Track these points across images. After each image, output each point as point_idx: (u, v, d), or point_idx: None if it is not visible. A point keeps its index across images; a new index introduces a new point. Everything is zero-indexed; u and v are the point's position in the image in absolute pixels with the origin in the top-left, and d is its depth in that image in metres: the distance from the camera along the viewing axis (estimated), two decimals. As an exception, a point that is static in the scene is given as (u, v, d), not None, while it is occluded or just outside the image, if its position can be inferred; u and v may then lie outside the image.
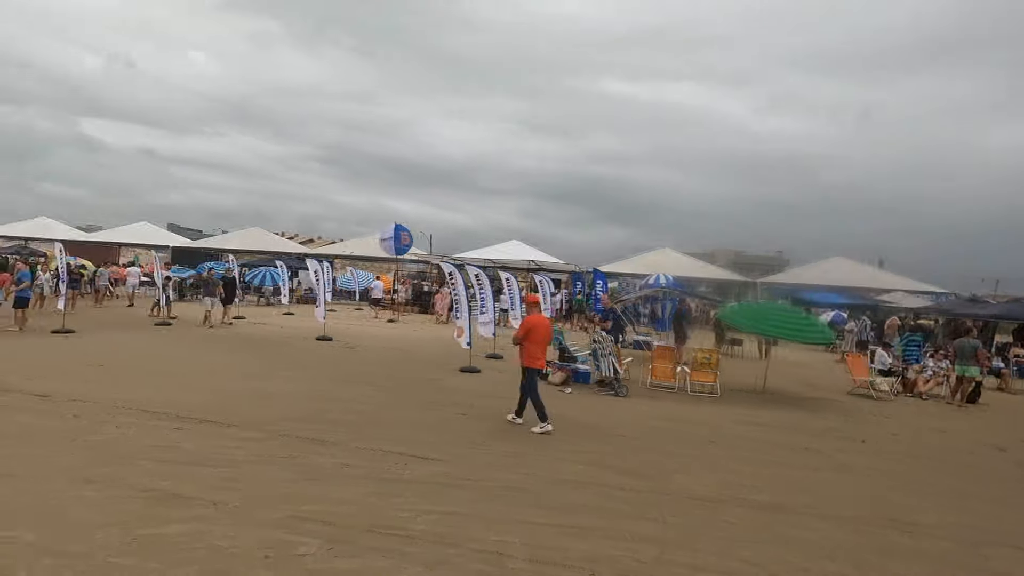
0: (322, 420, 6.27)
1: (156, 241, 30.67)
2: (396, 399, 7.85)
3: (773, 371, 10.80)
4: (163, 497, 3.88)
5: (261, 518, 3.64)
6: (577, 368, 10.05)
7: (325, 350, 12.52)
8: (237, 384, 8.08)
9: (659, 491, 4.80)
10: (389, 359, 11.85)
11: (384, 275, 28.73)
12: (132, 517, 3.53)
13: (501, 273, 15.59)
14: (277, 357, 10.98)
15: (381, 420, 6.57)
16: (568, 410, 7.85)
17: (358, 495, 4.15)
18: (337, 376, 9.32)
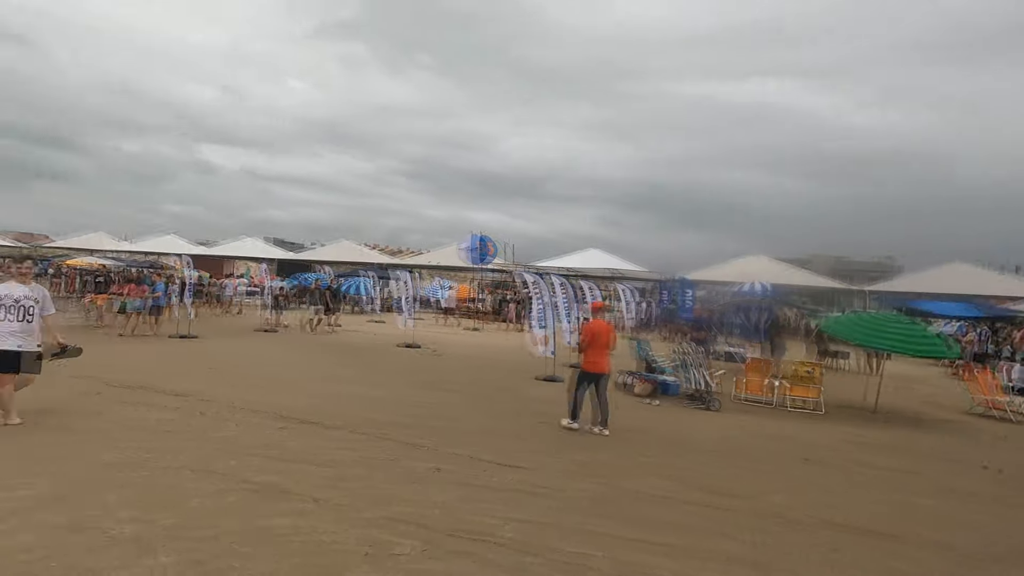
0: (413, 425, 6.52)
1: (262, 254, 33.47)
2: (481, 406, 8.01)
3: (886, 387, 9.89)
4: (273, 492, 4.20)
5: (360, 516, 3.84)
6: (664, 380, 9.76)
7: (412, 357, 13.03)
8: (335, 388, 8.62)
9: (751, 511, 4.54)
10: (473, 367, 12.12)
11: (464, 284, 29.46)
12: (247, 508, 3.86)
13: (582, 282, 15.48)
14: (369, 363, 11.58)
15: (467, 427, 6.73)
16: (654, 423, 7.64)
17: (448, 499, 4.28)
18: (425, 382, 9.67)
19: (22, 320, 5.35)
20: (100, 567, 2.98)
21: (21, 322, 5.34)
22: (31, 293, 5.47)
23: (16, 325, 5.31)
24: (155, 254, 35.24)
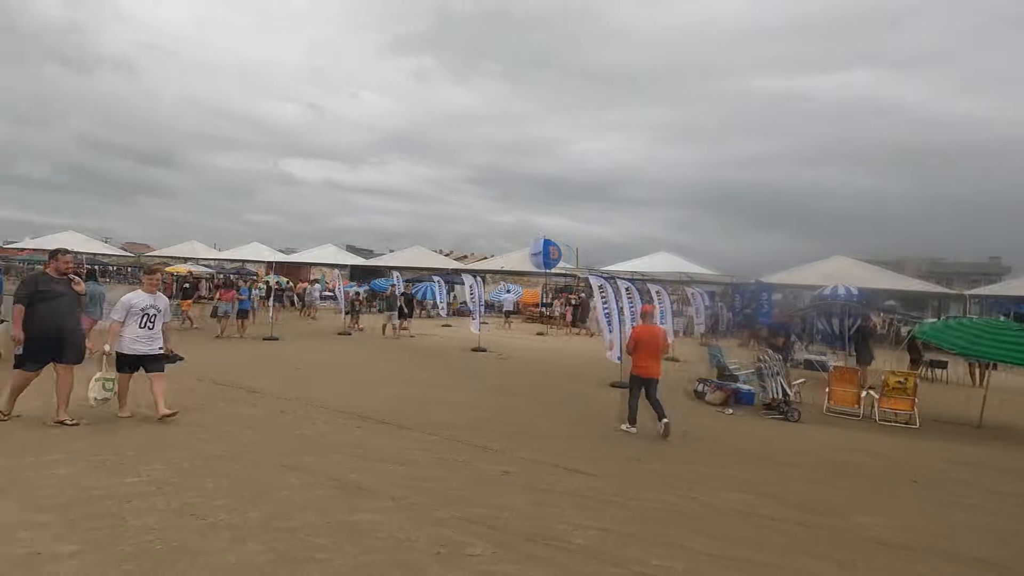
0: (482, 428, 6.62)
1: (337, 260, 35.15)
2: (549, 411, 8.00)
3: (991, 400, 8.99)
4: (351, 488, 4.39)
5: (433, 516, 3.94)
6: (739, 388, 9.35)
7: (481, 361, 13.22)
8: (408, 390, 8.90)
9: (840, 531, 4.25)
10: (540, 371, 12.14)
11: (533, 289, 29.56)
12: (330, 503, 4.06)
13: (650, 286, 15.14)
14: (440, 366, 11.86)
15: (536, 431, 6.75)
16: (729, 433, 7.34)
17: (518, 503, 4.30)
18: (493, 386, 9.79)
19: (149, 327, 5.91)
20: (201, 550, 3.23)
21: (146, 328, 5.88)
22: (156, 302, 6.02)
23: (143, 331, 5.86)
24: (241, 261, 37.86)
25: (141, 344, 5.84)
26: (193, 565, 3.06)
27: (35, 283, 5.60)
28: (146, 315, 5.89)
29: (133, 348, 5.81)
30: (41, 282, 5.61)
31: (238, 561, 3.15)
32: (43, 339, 5.40)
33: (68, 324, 5.57)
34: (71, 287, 5.66)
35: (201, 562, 3.10)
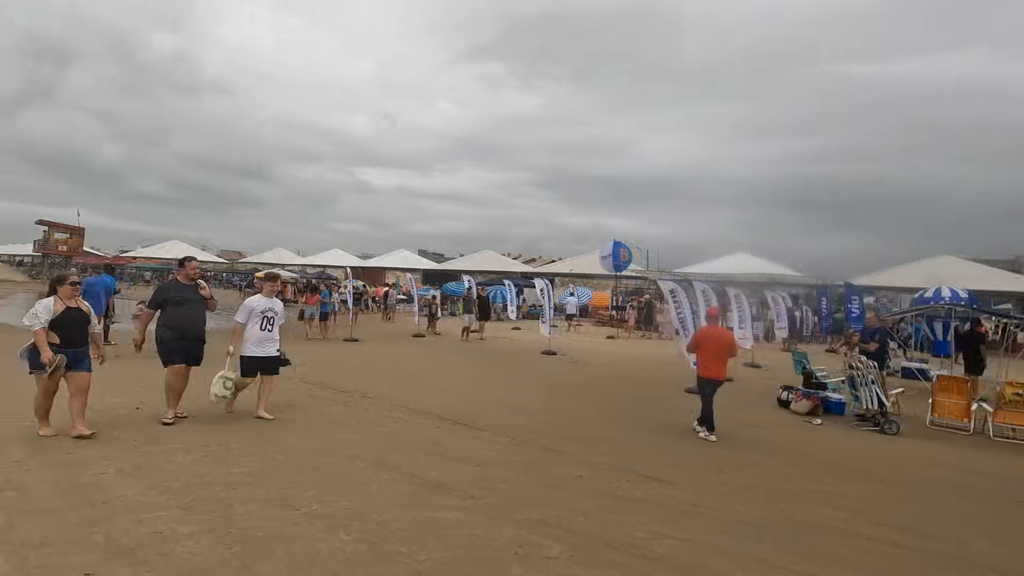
0: (556, 431, 6.64)
1: (410, 265, 36.38)
2: (622, 415, 7.89)
3: None
4: (432, 486, 4.54)
5: (511, 516, 4.00)
6: (828, 396, 8.80)
7: (552, 364, 13.23)
8: (482, 391, 9.07)
9: (946, 557, 3.91)
10: (612, 375, 11.98)
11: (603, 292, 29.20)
12: (409, 500, 4.22)
13: (729, 289, 14.55)
14: (512, 368, 11.99)
15: (609, 436, 6.68)
16: (817, 445, 6.93)
17: (593, 507, 4.28)
18: (565, 390, 9.78)
19: (269, 329, 6.30)
20: (296, 537, 3.46)
21: (266, 331, 6.27)
22: (273, 306, 6.38)
23: (264, 333, 6.26)
24: (323, 266, 40.03)
25: (262, 347, 6.22)
26: (289, 552, 3.29)
27: (167, 289, 6.08)
28: (265, 317, 6.26)
29: (255, 351, 6.18)
30: (172, 288, 6.07)
31: (331, 550, 3.35)
32: (177, 340, 5.81)
33: (197, 327, 5.98)
34: (198, 292, 6.07)
35: (297, 549, 3.33)
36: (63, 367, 4.96)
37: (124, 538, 3.31)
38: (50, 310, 5.00)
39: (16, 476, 4.13)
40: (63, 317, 5.01)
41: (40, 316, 4.94)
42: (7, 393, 6.48)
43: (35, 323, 4.93)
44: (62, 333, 5.00)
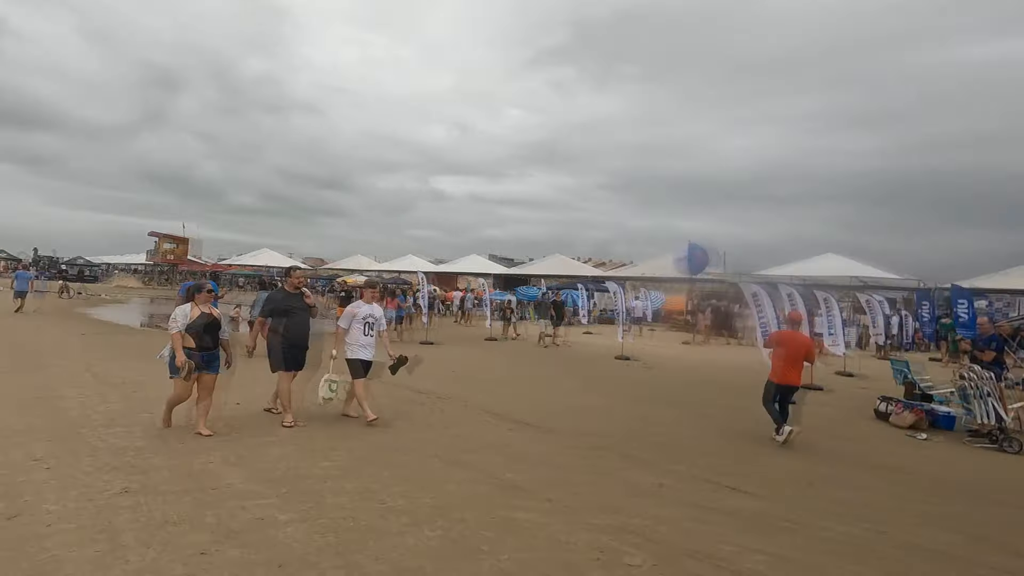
0: (633, 438, 6.51)
1: (484, 270, 36.96)
2: (703, 423, 7.62)
3: None
4: (508, 487, 4.59)
5: (589, 521, 3.96)
6: (934, 409, 8.06)
7: (625, 369, 13.00)
8: (555, 395, 9.06)
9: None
10: (689, 381, 11.60)
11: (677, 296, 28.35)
12: (487, 499, 4.29)
13: (817, 292, 13.69)
14: (584, 373, 11.89)
15: (689, 444, 6.46)
16: (923, 462, 6.37)
17: (675, 517, 4.16)
18: (640, 396, 9.57)
19: (370, 335, 6.42)
20: (384, 531, 3.61)
21: (369, 336, 6.40)
22: (374, 312, 6.52)
23: (366, 339, 6.38)
24: (399, 272, 41.52)
25: (365, 351, 6.33)
26: (379, 543, 3.44)
27: (276, 299, 6.35)
28: (367, 323, 6.38)
29: (358, 354, 6.29)
30: (280, 298, 6.33)
31: (416, 544, 3.47)
32: (287, 347, 6.03)
33: (303, 335, 6.18)
34: (303, 300, 6.27)
35: (386, 542, 3.47)
36: (195, 370, 5.27)
37: (231, 521, 3.59)
38: (187, 315, 5.36)
39: (141, 462, 4.59)
40: (198, 322, 5.36)
41: (178, 320, 5.32)
42: (141, 386, 7.20)
43: (173, 327, 5.33)
44: (196, 337, 5.35)
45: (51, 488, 3.90)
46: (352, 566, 3.15)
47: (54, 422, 5.55)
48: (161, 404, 5.65)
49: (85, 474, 4.21)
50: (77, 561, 2.98)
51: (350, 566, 3.14)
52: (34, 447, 4.72)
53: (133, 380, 7.84)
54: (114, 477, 4.18)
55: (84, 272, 50.21)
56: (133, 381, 7.77)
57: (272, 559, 3.15)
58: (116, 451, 4.77)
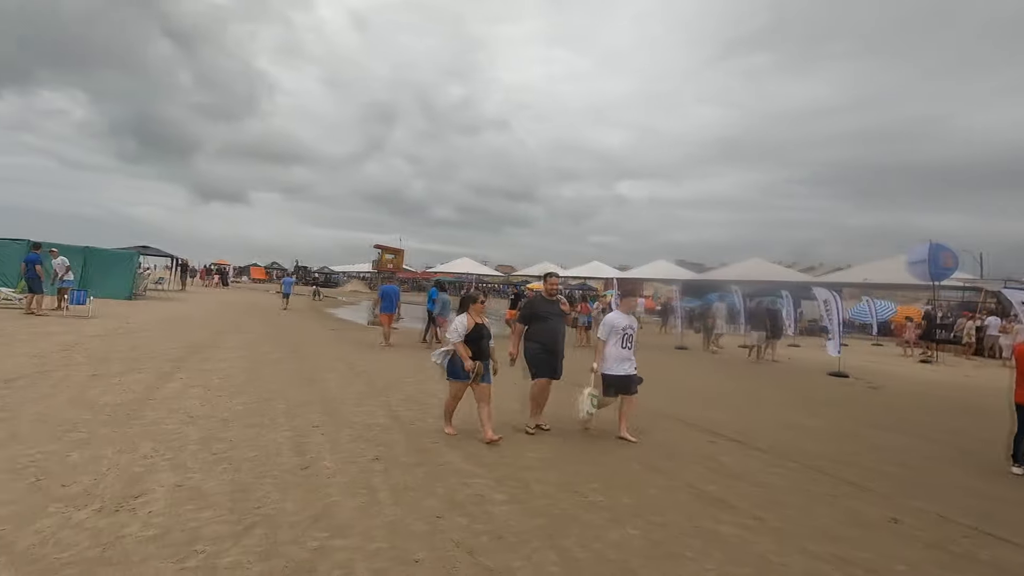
0: (856, 464, 5.78)
1: (669, 275, 35.70)
2: (948, 456, 6.41)
3: None
4: (711, 499, 4.46)
5: (803, 546, 3.68)
6: None
7: (842, 387, 11.49)
8: (756, 410, 8.44)
9: None
10: (928, 407, 9.80)
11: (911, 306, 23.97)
12: (688, 508, 4.22)
13: None
14: (791, 389, 10.83)
15: (929, 478, 5.51)
16: None
17: (918, 559, 3.63)
18: (861, 418, 8.41)
19: (629, 347, 6.06)
20: (586, 523, 3.82)
21: (627, 348, 6.04)
22: (631, 322, 6.20)
23: (625, 351, 6.02)
24: (584, 278, 42.24)
25: (624, 365, 5.98)
26: (583, 533, 3.65)
27: (534, 305, 6.26)
28: (626, 335, 6.04)
29: (617, 369, 5.96)
30: (538, 304, 6.22)
31: (618, 539, 3.61)
32: (545, 354, 5.99)
33: (560, 342, 6.08)
34: (559, 307, 6.18)
35: (589, 533, 3.67)
36: (480, 375, 5.50)
37: (455, 495, 4.14)
38: (465, 326, 5.49)
39: (385, 437, 5.52)
40: (474, 334, 5.50)
41: (459, 331, 5.48)
42: (378, 375, 8.61)
43: (455, 337, 5.47)
44: (473, 347, 5.49)
45: (326, 449, 4.93)
46: (560, 549, 3.41)
47: (322, 398, 6.94)
48: (393, 389, 6.69)
49: (347, 441, 5.22)
50: (350, 507, 3.75)
51: (559, 549, 3.41)
52: (312, 416, 5.98)
53: (371, 369, 9.38)
54: (367, 447, 5.10)
55: (328, 279, 60.90)
56: (371, 370, 9.30)
57: (493, 531, 3.57)
58: (366, 426, 5.81)
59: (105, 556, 2.89)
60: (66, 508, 3.37)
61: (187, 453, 4.51)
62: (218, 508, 3.56)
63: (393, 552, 3.20)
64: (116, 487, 3.74)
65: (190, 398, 6.29)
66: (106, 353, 8.53)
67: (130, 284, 20.41)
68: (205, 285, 40.23)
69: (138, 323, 12.93)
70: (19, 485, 3.64)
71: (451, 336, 5.52)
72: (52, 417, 5.11)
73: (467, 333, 5.49)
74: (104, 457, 4.25)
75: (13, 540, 2.96)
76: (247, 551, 3.07)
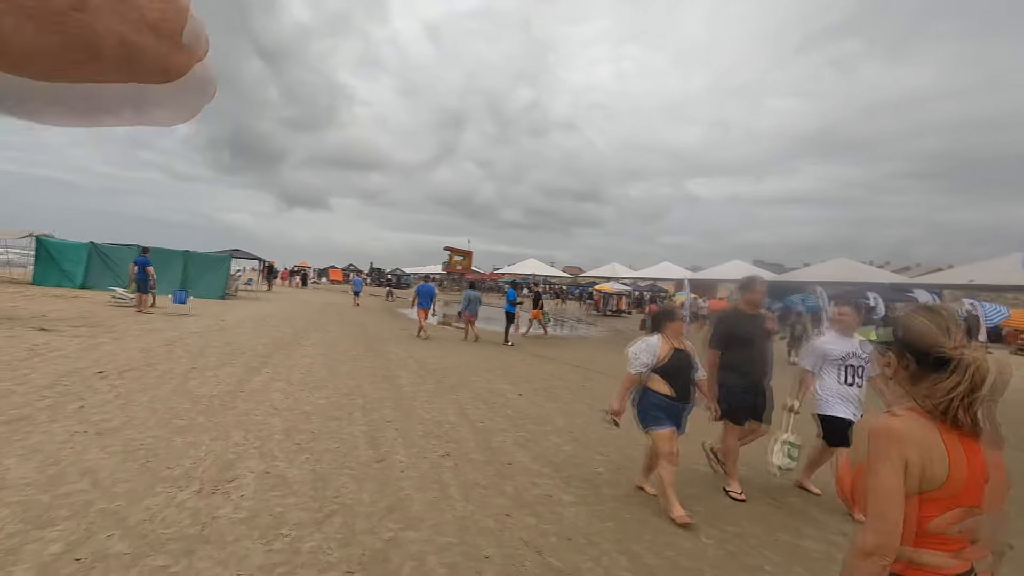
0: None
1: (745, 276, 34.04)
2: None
3: None
4: (794, 511, 4.24)
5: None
6: None
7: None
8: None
9: None
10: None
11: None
12: (769, 520, 4.01)
13: None
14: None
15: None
16: None
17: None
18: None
19: (856, 383, 4.31)
20: (659, 528, 3.71)
21: (852, 385, 4.31)
22: (858, 351, 4.35)
23: (848, 389, 4.30)
24: (653, 279, 41.16)
25: (846, 406, 4.27)
26: (654, 539, 3.56)
27: (730, 321, 4.59)
28: (848, 366, 4.33)
29: (831, 409, 4.30)
30: (736, 320, 4.58)
31: (692, 548, 3.49)
32: (747, 391, 4.46)
33: (765, 373, 4.54)
34: (766, 326, 4.56)
35: (660, 539, 3.57)
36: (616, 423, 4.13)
37: (524, 494, 4.16)
38: (654, 353, 3.99)
39: (454, 434, 5.64)
40: (672, 363, 3.99)
41: (641, 358, 4.00)
42: (446, 373, 8.82)
43: (638, 367, 4.01)
44: (669, 380, 3.98)
45: (399, 444, 5.10)
46: (632, 555, 3.34)
47: (395, 395, 7.18)
48: (462, 388, 6.76)
49: (418, 437, 5.37)
50: (421, 501, 3.85)
51: (630, 554, 3.34)
52: (385, 412, 6.21)
53: (440, 367, 9.61)
54: (437, 443, 5.23)
55: (400, 280, 63.09)
56: (440, 368, 9.52)
57: (561, 532, 3.56)
58: (436, 423, 5.96)
59: (203, 535, 3.13)
60: (170, 488, 3.69)
61: (273, 442, 4.81)
62: (301, 495, 3.77)
63: (463, 547, 3.26)
64: (212, 471, 4.05)
65: (275, 391, 6.70)
66: (202, 349, 9.27)
67: (223, 285, 22.07)
68: (286, 286, 42.77)
69: (231, 321, 13.95)
70: (132, 465, 4.02)
71: (634, 365, 4.03)
72: (159, 405, 5.61)
73: (663, 363, 4.00)
74: (202, 443, 4.61)
75: (126, 515, 3.28)
76: (327, 538, 3.23)
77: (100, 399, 5.62)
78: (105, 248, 20.57)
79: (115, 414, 5.18)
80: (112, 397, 5.74)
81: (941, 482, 1.39)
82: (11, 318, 10.68)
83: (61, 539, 2.95)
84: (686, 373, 4.06)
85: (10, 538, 2.91)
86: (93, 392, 5.86)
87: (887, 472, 1.39)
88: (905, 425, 1.42)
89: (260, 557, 2.95)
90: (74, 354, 7.77)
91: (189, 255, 21.40)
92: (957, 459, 1.40)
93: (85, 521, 3.16)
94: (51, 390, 5.79)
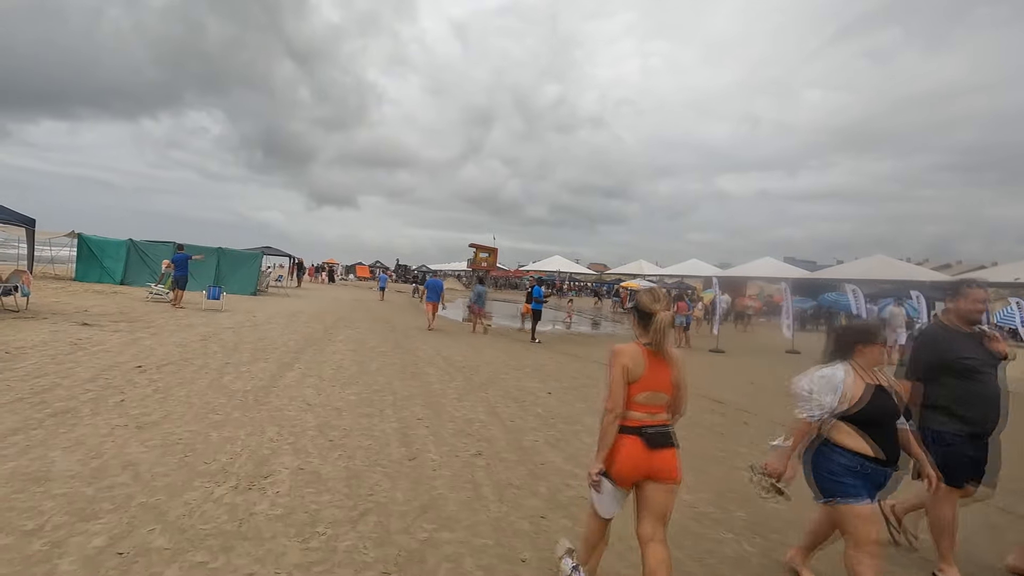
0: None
1: (776, 274, 33.26)
2: None
3: None
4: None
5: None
6: None
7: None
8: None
9: None
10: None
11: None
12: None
13: None
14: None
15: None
16: None
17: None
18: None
19: None
20: (700, 534, 3.60)
21: None
22: None
23: None
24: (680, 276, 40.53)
25: None
26: (695, 546, 3.46)
27: (941, 344, 3.37)
28: None
29: None
30: (947, 342, 3.37)
31: (734, 555, 3.37)
32: (969, 439, 3.26)
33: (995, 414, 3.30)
34: (990, 349, 3.36)
35: (701, 546, 3.47)
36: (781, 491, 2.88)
37: (558, 495, 4.09)
38: (838, 390, 2.74)
39: (485, 432, 5.59)
40: (871, 409, 2.71)
41: (821, 400, 2.76)
42: (476, 371, 8.79)
43: (808, 411, 2.79)
44: (873, 434, 2.72)
45: (431, 442, 5.07)
46: (672, 561, 3.23)
47: (425, 392, 7.18)
48: (491, 386, 6.71)
49: (450, 435, 5.34)
50: (455, 501, 3.81)
51: (670, 560, 3.23)
52: (415, 409, 6.20)
53: (470, 365, 9.59)
54: (469, 442, 5.19)
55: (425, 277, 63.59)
56: (470, 366, 9.50)
57: (598, 536, 3.47)
58: (467, 421, 5.92)
59: (241, 531, 3.14)
60: (208, 483, 3.73)
61: (306, 438, 4.83)
62: (335, 493, 3.76)
63: (499, 550, 3.20)
64: (248, 467, 4.08)
65: (307, 387, 6.76)
66: (236, 344, 9.42)
67: (255, 281, 22.51)
68: (313, 282, 43.46)
69: (262, 317, 14.19)
70: (171, 460, 4.08)
71: (807, 408, 2.79)
72: (195, 400, 5.70)
73: (858, 408, 2.73)
74: (237, 438, 4.66)
75: (166, 510, 3.31)
76: (363, 537, 3.21)
77: (139, 393, 5.75)
78: (143, 245, 21.18)
79: (154, 408, 5.28)
80: (151, 391, 5.86)
81: (639, 376, 2.55)
82: (56, 313, 11.05)
83: (104, 532, 2.99)
84: (891, 422, 2.78)
85: (56, 530, 2.96)
86: (133, 386, 5.99)
87: (616, 371, 2.55)
88: (627, 348, 2.59)
89: (297, 555, 2.95)
90: (115, 348, 7.97)
91: (222, 252, 21.87)
92: (650, 365, 2.57)
93: (127, 515, 3.20)
94: (93, 383, 5.94)
